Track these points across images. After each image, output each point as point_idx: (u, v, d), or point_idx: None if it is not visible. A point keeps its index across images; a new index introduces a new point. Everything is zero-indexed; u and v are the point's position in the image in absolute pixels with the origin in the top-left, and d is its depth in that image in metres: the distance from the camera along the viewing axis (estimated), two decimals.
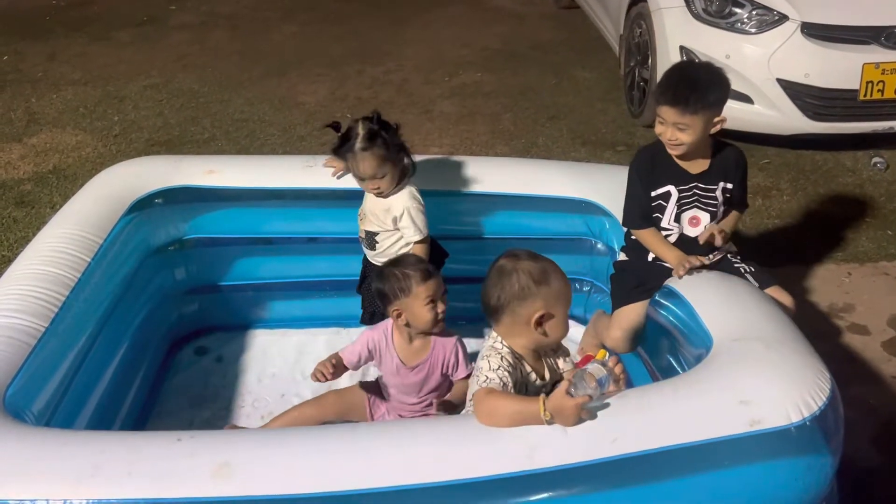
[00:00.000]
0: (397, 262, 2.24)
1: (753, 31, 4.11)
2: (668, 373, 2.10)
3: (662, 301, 2.19)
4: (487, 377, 1.70)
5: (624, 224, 2.43)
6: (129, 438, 1.69)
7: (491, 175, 2.73)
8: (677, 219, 2.34)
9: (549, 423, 1.55)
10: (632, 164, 2.40)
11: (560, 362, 1.94)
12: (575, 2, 6.53)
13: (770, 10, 4.09)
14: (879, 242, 3.61)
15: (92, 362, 2.16)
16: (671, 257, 2.28)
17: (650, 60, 4.54)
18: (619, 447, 1.54)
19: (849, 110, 4.10)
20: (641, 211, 2.35)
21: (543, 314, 1.75)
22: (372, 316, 2.54)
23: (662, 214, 2.34)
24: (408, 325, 2.20)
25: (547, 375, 1.87)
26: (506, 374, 1.71)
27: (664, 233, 2.36)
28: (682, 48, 4.29)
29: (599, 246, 2.77)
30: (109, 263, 2.33)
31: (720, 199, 2.33)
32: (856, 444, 2.36)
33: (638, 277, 2.39)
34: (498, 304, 1.76)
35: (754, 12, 4.12)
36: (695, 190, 2.32)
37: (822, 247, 3.58)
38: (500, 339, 1.81)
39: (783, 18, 4.05)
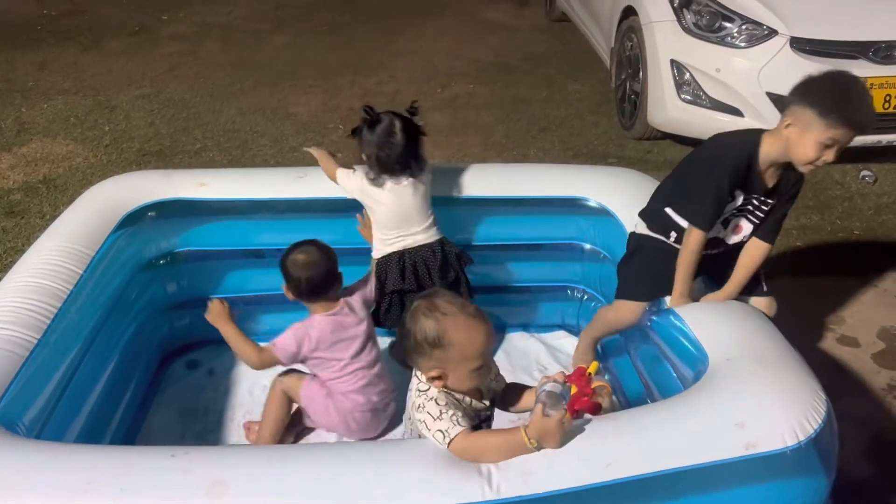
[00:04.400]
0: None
1: (743, 45, 4.16)
2: (664, 389, 2.10)
3: (659, 318, 2.18)
4: (441, 430, 1.58)
5: (695, 222, 2.18)
6: (122, 453, 1.69)
7: (478, 180, 2.71)
8: (725, 223, 2.24)
9: (538, 448, 1.54)
10: (724, 161, 2.14)
11: (493, 383, 1.85)
12: (566, 15, 6.57)
13: (759, 24, 4.13)
14: (868, 254, 3.63)
15: (83, 374, 2.15)
16: (682, 287, 2.18)
17: (641, 74, 4.57)
18: (612, 472, 1.52)
19: None
20: (716, 215, 2.17)
21: (438, 373, 1.65)
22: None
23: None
24: None
25: (485, 400, 1.79)
26: (451, 411, 1.62)
27: None
28: (672, 62, 4.33)
29: (590, 248, 2.76)
30: (101, 276, 2.33)
31: (766, 212, 2.23)
32: (846, 455, 2.36)
33: (668, 269, 2.23)
34: (403, 346, 1.69)
35: (744, 27, 4.16)
36: (753, 200, 2.21)
37: (812, 259, 3.61)
38: (422, 376, 1.70)
39: (772, 33, 4.09)
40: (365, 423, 2.38)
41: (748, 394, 1.68)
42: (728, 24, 4.20)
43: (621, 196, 2.64)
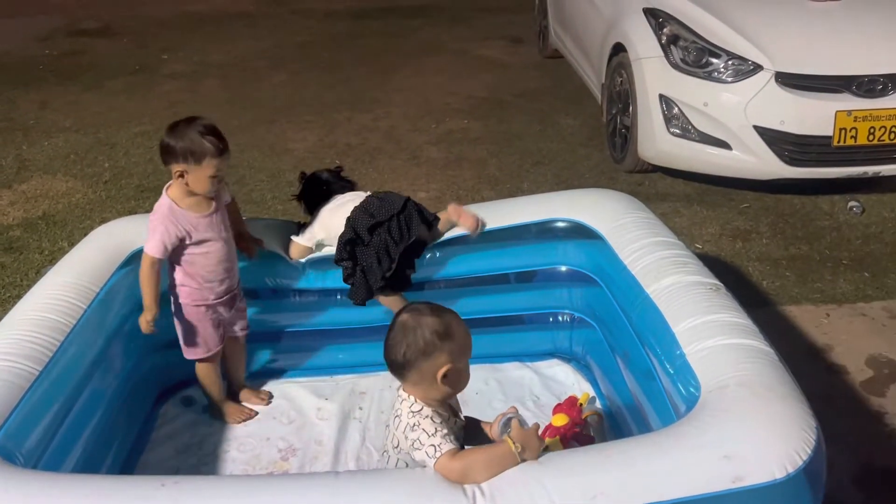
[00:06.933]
0: (194, 120, 2.35)
1: (730, 79, 4.25)
2: (657, 413, 2.11)
3: (652, 348, 2.18)
4: (434, 446, 1.64)
5: None
6: (112, 482, 1.70)
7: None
8: None
9: (522, 456, 1.59)
10: None
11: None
12: (559, 51, 6.71)
13: (745, 59, 4.23)
14: (857, 284, 3.68)
15: (81, 408, 2.18)
16: None
17: (631, 108, 4.66)
18: None
19: (824, 156, 4.21)
20: None
21: (449, 368, 1.70)
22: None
23: None
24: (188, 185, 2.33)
25: (461, 416, 1.88)
26: (445, 430, 1.68)
27: None
28: (661, 96, 4.42)
29: (574, 271, 2.77)
30: (103, 312, 2.38)
31: None
32: (835, 483, 2.39)
33: None
34: (403, 360, 1.71)
35: (730, 62, 4.26)
36: None
37: (801, 288, 3.64)
38: (412, 398, 1.75)
39: (758, 68, 4.19)
40: None
41: (738, 424, 1.67)
42: (714, 60, 4.30)
43: (601, 214, 2.66)
